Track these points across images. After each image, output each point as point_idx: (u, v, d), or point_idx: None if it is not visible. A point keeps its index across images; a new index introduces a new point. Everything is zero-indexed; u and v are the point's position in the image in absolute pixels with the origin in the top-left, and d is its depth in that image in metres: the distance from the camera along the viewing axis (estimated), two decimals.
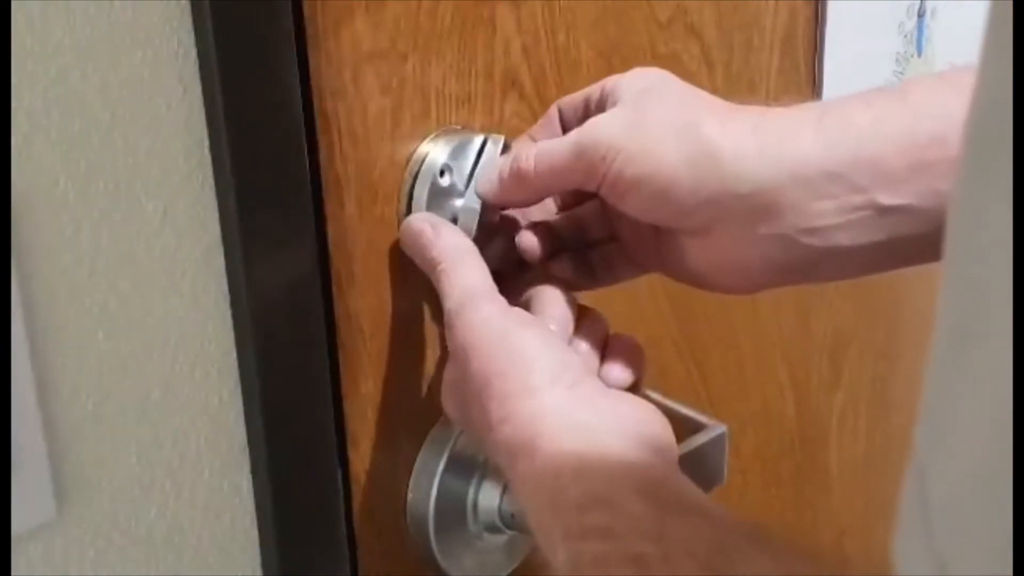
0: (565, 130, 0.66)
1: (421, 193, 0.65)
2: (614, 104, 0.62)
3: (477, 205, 0.66)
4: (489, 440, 0.56)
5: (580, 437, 0.53)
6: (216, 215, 0.57)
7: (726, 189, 0.56)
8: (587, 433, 0.54)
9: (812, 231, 0.56)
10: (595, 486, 0.50)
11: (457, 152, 0.66)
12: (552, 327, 0.60)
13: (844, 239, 0.56)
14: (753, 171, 0.56)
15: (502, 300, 0.59)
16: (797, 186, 0.55)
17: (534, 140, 0.66)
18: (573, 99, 0.66)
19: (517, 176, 0.62)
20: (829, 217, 0.56)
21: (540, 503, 0.52)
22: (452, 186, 0.66)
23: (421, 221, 0.63)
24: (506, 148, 0.66)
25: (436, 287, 0.61)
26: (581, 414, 0.54)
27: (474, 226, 0.65)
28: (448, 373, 0.61)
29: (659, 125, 0.58)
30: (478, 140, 0.67)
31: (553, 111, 0.67)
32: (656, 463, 0.53)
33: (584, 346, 0.61)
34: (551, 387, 0.55)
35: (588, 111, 0.65)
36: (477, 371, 0.56)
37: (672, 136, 0.57)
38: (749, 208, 0.56)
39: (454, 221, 0.66)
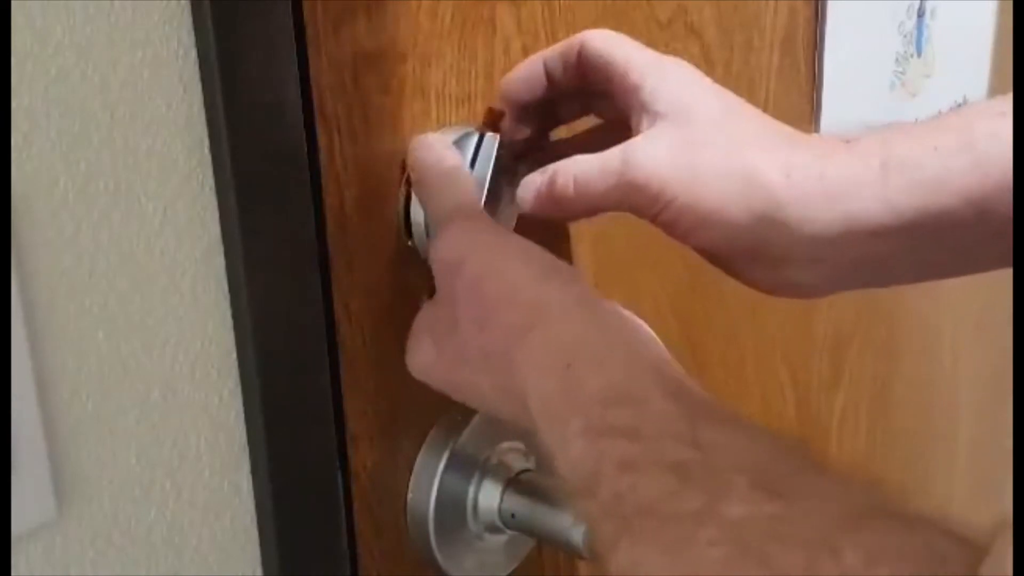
0: (552, 84, 0.64)
1: None
2: (642, 113, 0.59)
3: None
4: (480, 342, 0.54)
5: (590, 322, 0.52)
6: (216, 215, 0.57)
7: (791, 240, 0.56)
8: (598, 321, 0.52)
9: (872, 268, 0.57)
10: (616, 378, 0.48)
11: (456, 149, 0.67)
12: None
13: (898, 272, 0.58)
14: (820, 228, 0.55)
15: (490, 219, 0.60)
16: (861, 236, 0.55)
17: (506, 83, 0.65)
18: (562, 55, 0.64)
19: (555, 198, 0.60)
20: (891, 260, 0.57)
21: (549, 388, 0.50)
22: None
23: (430, 140, 0.63)
24: (502, 144, 0.66)
25: (425, 205, 0.61)
26: (586, 304, 0.53)
27: None
28: (421, 315, 0.60)
29: (716, 170, 0.56)
30: (475, 136, 0.67)
31: (538, 60, 0.65)
32: (671, 361, 0.51)
33: None
34: (551, 278, 0.54)
35: (591, 82, 0.63)
36: (470, 275, 0.55)
37: (732, 188, 0.56)
38: (812, 254, 0.57)
39: None
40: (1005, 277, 0.53)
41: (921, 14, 1.04)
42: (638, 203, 0.58)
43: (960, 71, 1.14)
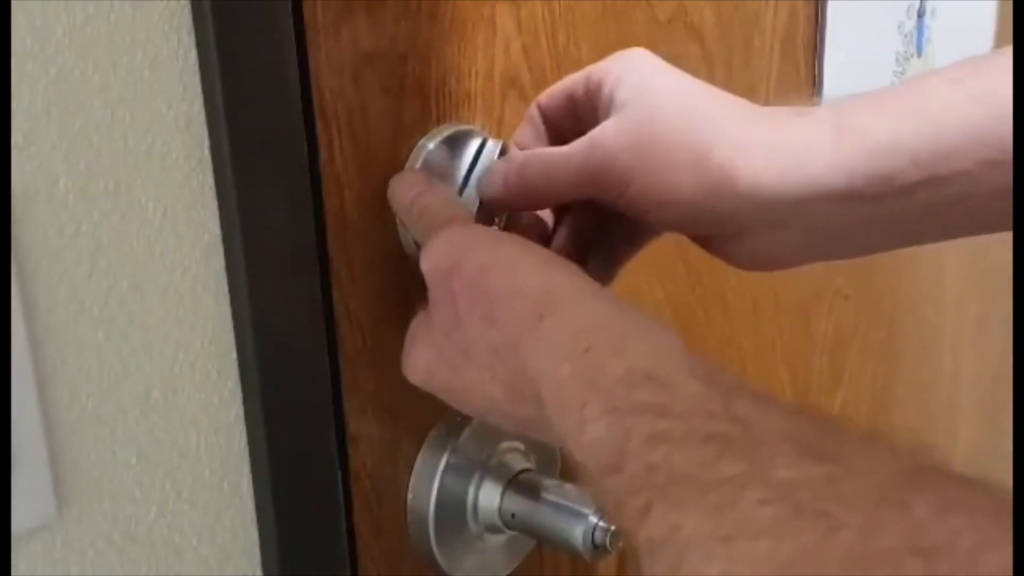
0: (551, 130, 0.65)
1: None
2: (610, 106, 0.61)
3: (473, 206, 0.66)
4: (488, 337, 0.54)
5: (605, 307, 0.51)
6: (216, 215, 0.57)
7: (747, 210, 0.57)
8: (612, 307, 0.51)
9: (833, 234, 0.58)
10: (639, 362, 0.47)
11: (455, 151, 0.67)
12: None
13: (862, 239, 0.59)
14: (773, 195, 0.56)
15: None
16: (817, 202, 0.56)
17: (519, 146, 0.66)
18: (553, 96, 0.65)
19: (521, 186, 0.62)
20: (849, 227, 0.58)
21: (565, 373, 0.48)
22: (450, 186, 0.66)
23: (408, 175, 0.64)
24: (504, 152, 0.66)
25: (416, 227, 0.61)
26: (597, 291, 0.53)
27: None
28: (415, 324, 0.60)
29: (670, 148, 0.58)
30: (476, 140, 0.67)
31: (534, 111, 0.66)
32: (688, 349, 0.50)
33: None
34: (556, 268, 0.54)
35: (576, 109, 0.64)
36: (470, 272, 0.55)
37: (686, 164, 0.57)
38: (770, 221, 0.58)
39: None
40: (1005, 278, 0.53)
41: (921, 14, 1.04)
42: (601, 187, 0.59)
43: None
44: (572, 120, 0.65)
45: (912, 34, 1.04)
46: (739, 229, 0.59)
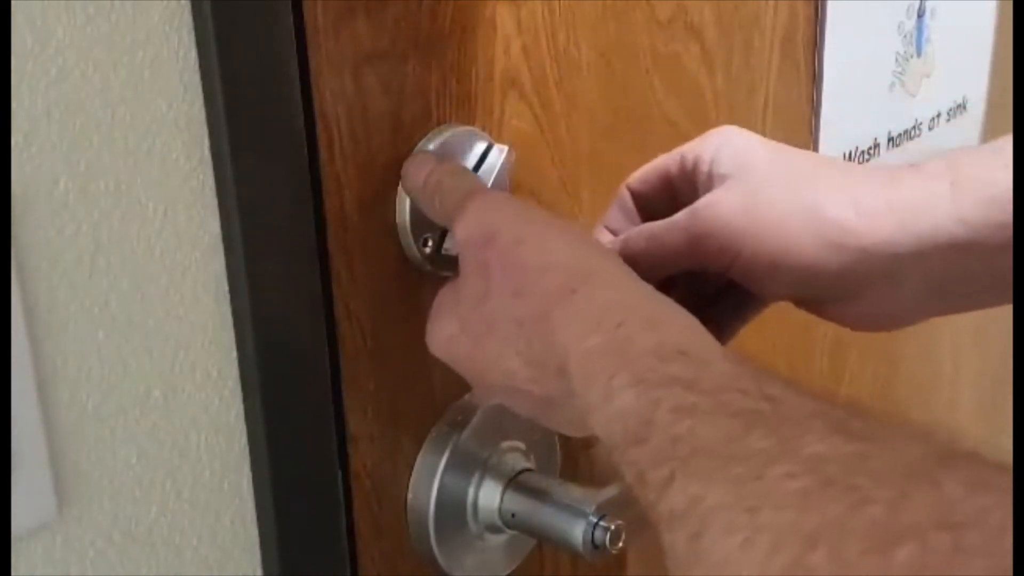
0: (643, 212, 0.64)
1: None
2: (710, 180, 0.60)
3: None
4: (515, 310, 0.53)
5: (637, 287, 0.51)
6: (216, 215, 0.57)
7: (868, 267, 0.56)
8: (644, 287, 0.51)
9: (952, 288, 0.57)
10: (671, 338, 0.47)
11: (457, 153, 0.67)
12: None
13: (978, 291, 0.58)
14: (893, 248, 0.56)
15: None
16: (937, 253, 0.55)
17: (610, 230, 0.65)
18: (646, 178, 0.64)
19: (625, 256, 0.59)
20: (967, 279, 0.57)
21: (594, 344, 0.48)
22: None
23: (422, 154, 0.63)
24: (508, 157, 0.66)
25: (432, 204, 0.60)
26: (628, 271, 0.52)
27: None
28: (443, 293, 0.59)
29: (784, 211, 0.57)
30: (481, 146, 0.67)
31: (624, 193, 0.65)
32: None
33: None
34: (589, 246, 0.53)
35: (671, 188, 0.63)
36: (505, 244, 0.54)
37: (802, 224, 0.56)
38: (890, 276, 0.57)
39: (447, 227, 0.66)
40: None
41: (921, 14, 1.04)
42: (710, 254, 0.58)
43: (960, 71, 1.14)
44: (667, 200, 0.64)
45: (912, 34, 1.04)
46: (857, 288, 0.58)
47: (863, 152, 1.02)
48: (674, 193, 0.64)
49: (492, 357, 0.56)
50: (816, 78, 0.95)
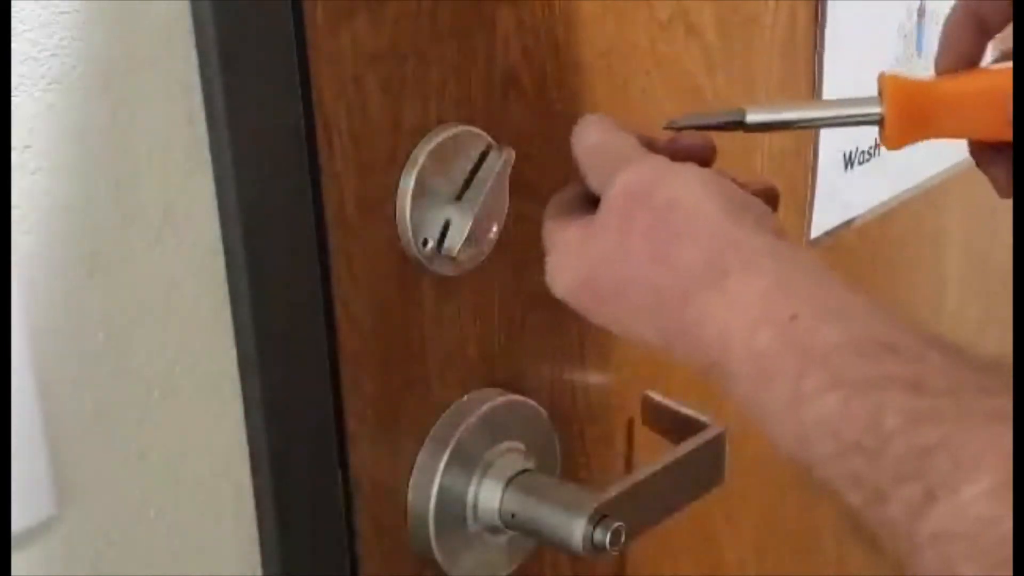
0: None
1: (418, 194, 0.65)
2: None
3: (474, 208, 0.66)
4: (655, 276, 0.49)
5: (801, 268, 0.46)
6: (216, 215, 0.57)
7: None
8: (807, 266, 0.47)
9: None
10: (867, 331, 0.43)
11: (457, 153, 0.67)
12: None
13: None
14: None
15: None
16: None
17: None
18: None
19: None
20: None
21: (765, 341, 0.44)
22: (449, 188, 0.66)
23: (598, 117, 0.58)
24: (509, 157, 0.66)
25: (596, 167, 0.55)
26: (787, 248, 0.48)
27: (467, 229, 0.65)
28: (572, 233, 0.54)
29: None
30: (481, 145, 0.67)
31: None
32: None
33: None
34: (744, 216, 0.49)
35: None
36: (659, 204, 0.49)
37: None
38: None
39: (446, 227, 0.66)
40: (1006, 280, 0.53)
41: (921, 14, 1.04)
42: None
43: None
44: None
45: (912, 34, 1.04)
46: None
47: (863, 152, 1.02)
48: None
49: (625, 320, 0.52)
50: (816, 78, 0.95)
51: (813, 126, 0.61)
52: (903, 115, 0.57)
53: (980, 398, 0.39)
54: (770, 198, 0.55)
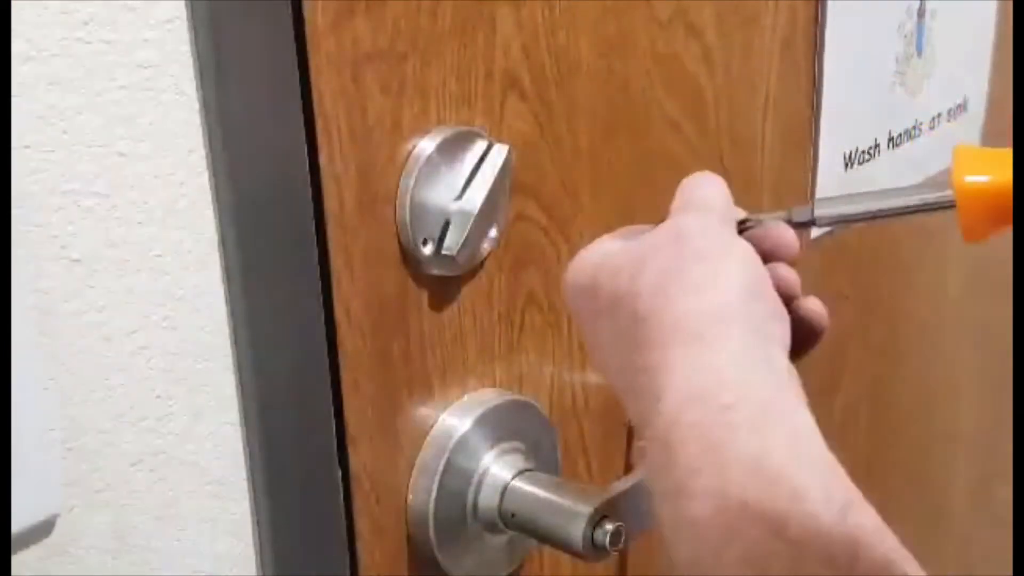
0: None
1: (418, 194, 0.65)
2: None
3: (474, 208, 0.66)
4: (641, 303, 0.48)
5: (758, 366, 0.48)
6: (216, 215, 0.57)
7: None
8: (764, 365, 0.48)
9: None
10: (775, 454, 0.44)
11: (457, 153, 0.67)
12: None
13: None
14: None
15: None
16: None
17: None
18: None
19: None
20: None
21: (689, 420, 0.45)
22: (449, 188, 0.66)
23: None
24: (509, 158, 0.66)
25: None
26: (762, 342, 0.50)
27: (467, 229, 0.65)
28: (616, 247, 0.52)
29: None
30: (481, 145, 0.67)
31: None
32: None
33: None
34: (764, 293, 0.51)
35: None
36: (688, 250, 0.49)
37: None
38: None
39: (446, 227, 0.66)
40: (1005, 280, 0.52)
41: (921, 14, 1.04)
42: None
43: (960, 71, 1.14)
44: None
45: (912, 34, 1.04)
46: None
47: (863, 152, 1.02)
48: None
49: (597, 340, 0.52)
50: (816, 78, 0.95)
51: (883, 216, 0.57)
52: (978, 216, 0.55)
53: (820, 567, 0.41)
54: (814, 329, 0.58)
